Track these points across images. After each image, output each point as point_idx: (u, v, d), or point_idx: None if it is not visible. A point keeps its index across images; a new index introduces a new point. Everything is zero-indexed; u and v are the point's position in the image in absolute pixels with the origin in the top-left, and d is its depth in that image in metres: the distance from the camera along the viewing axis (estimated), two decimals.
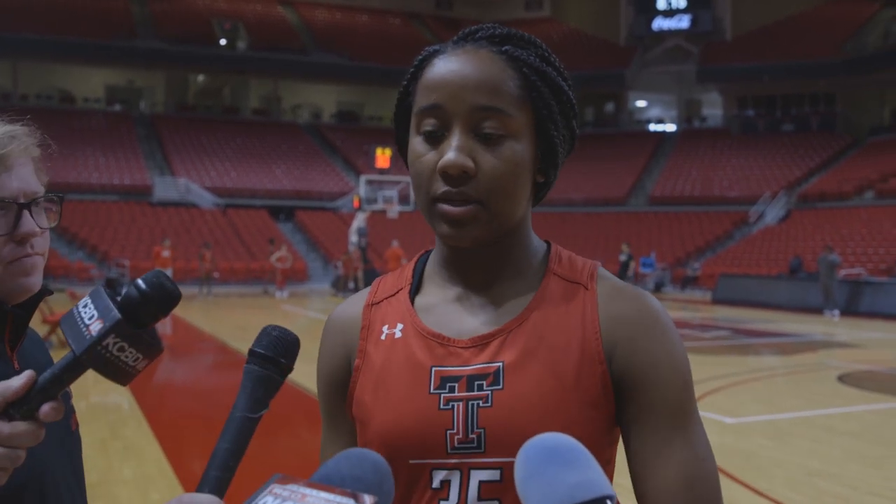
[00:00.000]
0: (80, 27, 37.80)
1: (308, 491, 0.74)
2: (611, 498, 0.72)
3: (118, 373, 0.92)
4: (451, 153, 1.06)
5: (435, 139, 1.09)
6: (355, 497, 0.73)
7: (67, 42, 36.88)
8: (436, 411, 1.09)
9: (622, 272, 25.69)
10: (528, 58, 1.12)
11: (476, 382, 1.09)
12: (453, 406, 1.09)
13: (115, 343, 0.90)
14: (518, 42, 1.14)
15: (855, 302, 20.89)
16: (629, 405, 1.10)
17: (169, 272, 22.00)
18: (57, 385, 0.93)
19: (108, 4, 41.56)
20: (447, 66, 1.10)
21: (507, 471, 1.06)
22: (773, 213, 34.28)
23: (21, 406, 0.93)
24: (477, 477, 1.07)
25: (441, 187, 1.08)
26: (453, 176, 1.06)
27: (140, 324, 0.92)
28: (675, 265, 31.71)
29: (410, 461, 1.10)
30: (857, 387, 9.83)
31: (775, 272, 26.63)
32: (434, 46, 1.16)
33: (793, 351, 13.57)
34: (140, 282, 0.93)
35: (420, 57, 1.16)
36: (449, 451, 1.08)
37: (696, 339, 15.01)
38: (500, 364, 1.10)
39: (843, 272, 22.45)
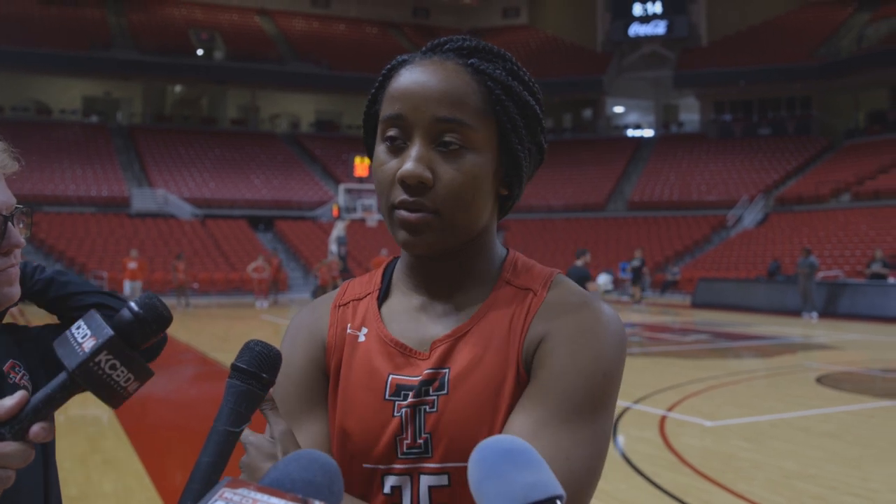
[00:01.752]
0: (56, 38, 37.55)
1: (258, 496, 0.73)
2: (560, 498, 0.75)
3: (110, 392, 0.93)
4: (409, 163, 1.08)
5: (397, 148, 1.11)
6: (305, 503, 0.74)
7: (43, 53, 36.64)
8: (389, 418, 1.11)
9: (636, 277, 25.81)
10: (494, 71, 1.13)
11: (423, 388, 1.11)
12: (404, 412, 1.10)
13: (107, 360, 0.91)
14: (485, 55, 1.15)
15: (833, 304, 21.06)
16: (528, 387, 1.08)
17: (138, 285, 21.75)
18: (49, 405, 0.93)
19: (85, 15, 41.34)
20: (412, 76, 1.11)
21: (454, 475, 1.07)
22: (750, 217, 34.51)
23: (12, 426, 0.92)
24: (426, 482, 1.08)
25: (399, 195, 1.09)
26: (411, 185, 1.08)
27: (132, 345, 0.93)
28: (654, 270, 31.81)
29: (364, 465, 1.12)
30: (835, 388, 9.91)
31: (754, 275, 26.79)
32: (403, 56, 1.17)
33: (772, 353, 13.66)
34: (133, 304, 0.94)
35: (388, 66, 1.17)
36: (399, 455, 1.10)
37: (676, 343, 15.09)
38: (447, 370, 1.11)
39: (820, 274, 22.62)
